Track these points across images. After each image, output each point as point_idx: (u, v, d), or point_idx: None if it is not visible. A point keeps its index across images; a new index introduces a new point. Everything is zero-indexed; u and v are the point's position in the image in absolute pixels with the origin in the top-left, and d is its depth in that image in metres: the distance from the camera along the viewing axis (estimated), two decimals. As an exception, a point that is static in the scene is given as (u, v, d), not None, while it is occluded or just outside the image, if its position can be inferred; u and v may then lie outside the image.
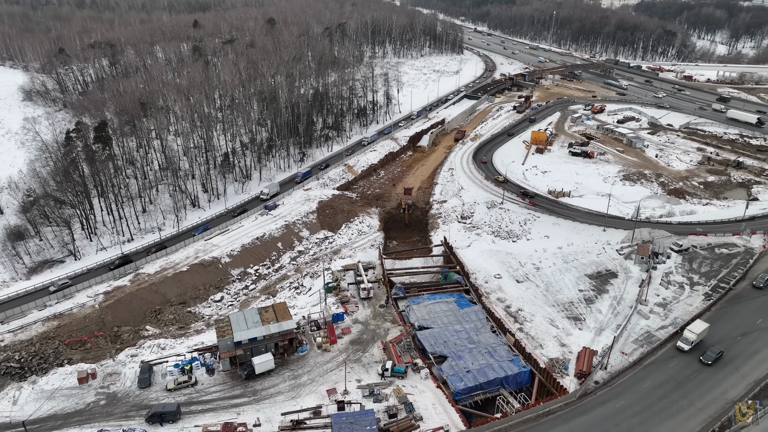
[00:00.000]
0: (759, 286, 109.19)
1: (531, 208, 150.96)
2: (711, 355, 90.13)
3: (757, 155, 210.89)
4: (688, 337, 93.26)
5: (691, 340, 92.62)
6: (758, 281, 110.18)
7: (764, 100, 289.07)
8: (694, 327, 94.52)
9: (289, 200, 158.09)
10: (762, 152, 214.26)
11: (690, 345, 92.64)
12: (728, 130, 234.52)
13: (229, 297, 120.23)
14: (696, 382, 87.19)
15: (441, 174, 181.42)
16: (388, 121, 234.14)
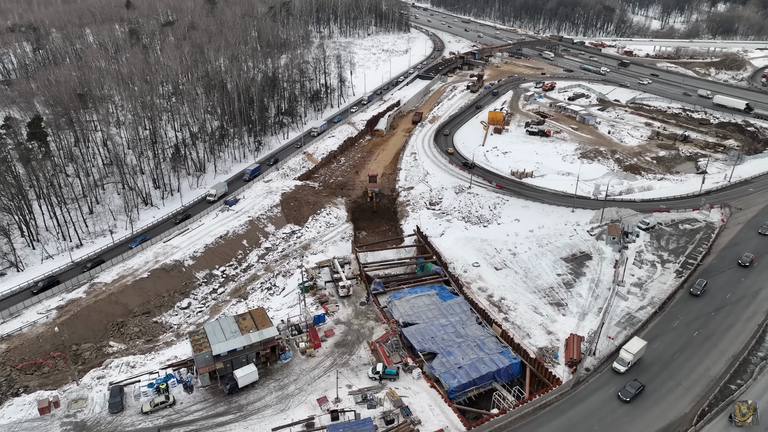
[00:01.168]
0: (696, 293, 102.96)
1: (499, 191, 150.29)
2: (630, 390, 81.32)
3: (699, 129, 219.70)
4: (625, 357, 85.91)
5: (628, 361, 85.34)
6: (695, 288, 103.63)
7: (699, 74, 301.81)
8: (630, 346, 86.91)
9: (250, 194, 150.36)
10: (704, 125, 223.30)
11: (627, 366, 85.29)
12: (671, 104, 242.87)
13: (197, 303, 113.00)
14: (680, 362, 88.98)
15: (404, 159, 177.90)
16: (343, 105, 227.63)
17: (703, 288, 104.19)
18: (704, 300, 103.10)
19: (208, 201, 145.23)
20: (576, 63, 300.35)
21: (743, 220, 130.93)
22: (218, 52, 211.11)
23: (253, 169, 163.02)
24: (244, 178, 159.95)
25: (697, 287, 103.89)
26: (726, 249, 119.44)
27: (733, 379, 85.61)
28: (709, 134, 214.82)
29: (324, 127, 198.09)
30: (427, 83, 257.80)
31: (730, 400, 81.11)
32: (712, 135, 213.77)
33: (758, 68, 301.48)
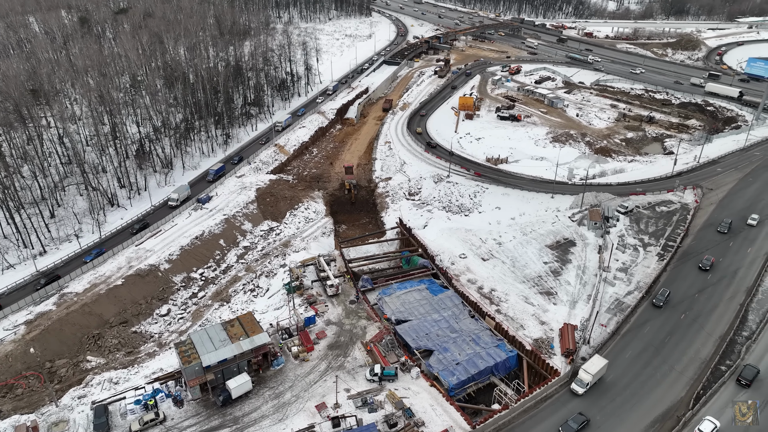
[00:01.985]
0: (658, 305, 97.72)
1: (478, 179, 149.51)
2: (572, 426, 74.55)
3: (662, 109, 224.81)
4: (584, 378, 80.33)
5: (587, 382, 79.91)
6: (657, 299, 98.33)
7: (657, 55, 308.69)
8: (590, 366, 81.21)
9: (223, 190, 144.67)
10: (666, 106, 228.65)
11: (585, 387, 79.86)
12: (634, 86, 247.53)
13: (177, 309, 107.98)
14: (671, 345, 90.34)
15: (378, 148, 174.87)
16: (311, 93, 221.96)
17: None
18: (688, 282, 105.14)
19: (170, 206, 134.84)
20: (559, 52, 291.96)
21: (715, 201, 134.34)
22: (178, 41, 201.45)
23: (216, 169, 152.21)
24: (208, 179, 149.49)
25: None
26: (702, 230, 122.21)
27: (723, 360, 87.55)
28: (672, 114, 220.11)
29: (289, 120, 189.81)
30: (394, 69, 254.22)
31: (722, 382, 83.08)
32: (675, 115, 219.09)
33: (712, 48, 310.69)
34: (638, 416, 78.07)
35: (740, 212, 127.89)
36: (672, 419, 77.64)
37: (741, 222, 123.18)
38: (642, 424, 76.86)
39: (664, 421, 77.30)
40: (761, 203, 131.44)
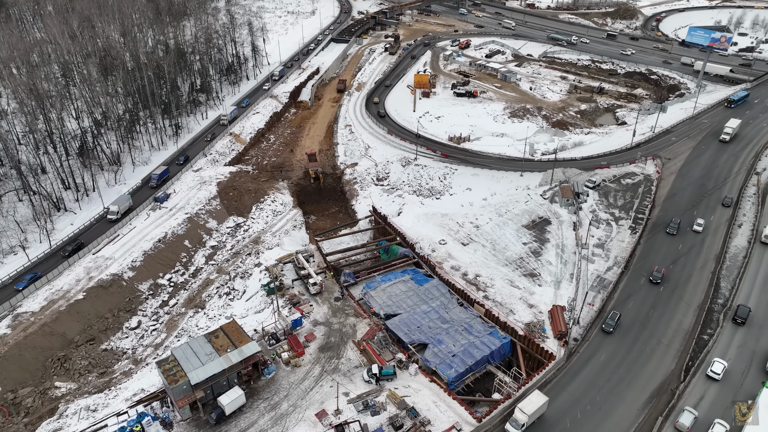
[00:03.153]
0: (608, 331, 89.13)
1: (446, 160, 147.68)
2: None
3: (610, 79, 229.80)
4: (519, 418, 72.39)
5: (522, 423, 72.18)
6: (606, 327, 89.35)
7: (598, 24, 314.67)
8: (527, 405, 72.92)
9: (181, 186, 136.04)
10: (613, 76, 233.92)
11: (521, 429, 72.20)
12: (581, 57, 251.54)
13: (148, 320, 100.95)
14: (654, 319, 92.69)
15: (339, 132, 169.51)
16: (260, 76, 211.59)
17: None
18: (662, 254, 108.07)
19: (109, 220, 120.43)
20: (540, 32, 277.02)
21: (675, 170, 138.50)
22: (112, 25, 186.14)
23: (160, 174, 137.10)
24: (151, 184, 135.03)
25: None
26: (667, 200, 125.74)
27: (704, 330, 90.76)
28: (619, 84, 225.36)
29: (234, 113, 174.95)
30: (343, 47, 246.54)
31: (707, 351, 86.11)
32: (622, 85, 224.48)
33: (648, 16, 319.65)
34: (635, 393, 79.74)
35: (698, 180, 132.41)
36: (667, 393, 79.81)
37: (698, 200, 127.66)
38: (640, 401, 78.58)
39: (660, 396, 79.31)
40: (716, 170, 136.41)
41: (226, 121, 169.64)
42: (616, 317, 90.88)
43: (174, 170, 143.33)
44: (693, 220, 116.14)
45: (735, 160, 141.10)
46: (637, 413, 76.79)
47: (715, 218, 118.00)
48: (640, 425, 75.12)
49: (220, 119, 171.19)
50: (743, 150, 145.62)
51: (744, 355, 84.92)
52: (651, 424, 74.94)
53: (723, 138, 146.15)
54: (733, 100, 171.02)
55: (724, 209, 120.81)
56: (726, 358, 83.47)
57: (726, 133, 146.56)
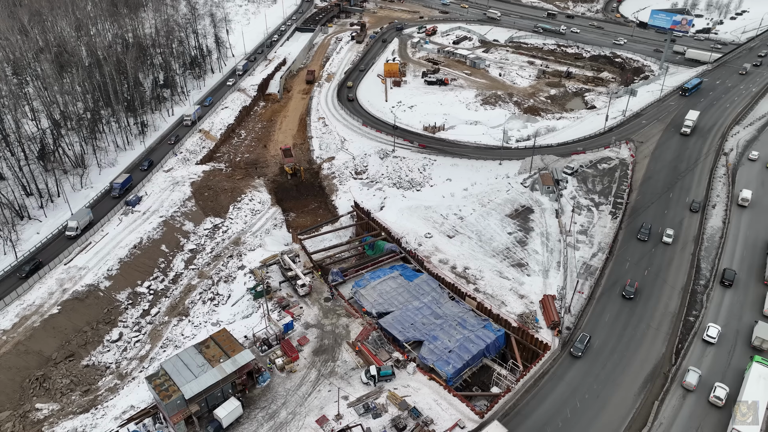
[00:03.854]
0: (576, 355, 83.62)
1: (424, 151, 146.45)
2: None
3: (576, 63, 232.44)
4: None
5: None
6: (575, 351, 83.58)
7: (560, 8, 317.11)
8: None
9: (153, 188, 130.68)
10: (579, 60, 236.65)
11: None
12: (546, 41, 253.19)
13: (130, 331, 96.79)
14: (642, 303, 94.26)
15: (312, 125, 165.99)
16: (225, 68, 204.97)
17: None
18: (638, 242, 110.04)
19: (68, 237, 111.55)
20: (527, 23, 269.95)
21: (648, 153, 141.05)
22: (65, 19, 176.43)
23: (123, 182, 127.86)
24: (113, 194, 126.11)
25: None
26: (644, 184, 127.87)
27: (690, 311, 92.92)
28: (586, 68, 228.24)
29: (198, 112, 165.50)
30: (309, 37, 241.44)
31: (694, 333, 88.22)
32: (588, 69, 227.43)
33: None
34: (630, 379, 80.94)
35: (671, 163, 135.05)
36: (660, 377, 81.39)
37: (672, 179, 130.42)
38: (635, 386, 79.82)
39: (654, 380, 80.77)
40: (686, 152, 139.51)
41: (190, 121, 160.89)
42: (585, 340, 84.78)
43: (138, 176, 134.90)
44: (669, 199, 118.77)
45: (704, 141, 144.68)
46: (634, 399, 78.03)
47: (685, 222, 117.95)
48: (638, 411, 76.36)
49: (183, 120, 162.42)
50: (710, 131, 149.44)
51: (734, 317, 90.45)
52: (648, 409, 76.31)
53: (684, 131, 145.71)
54: (687, 89, 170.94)
55: (700, 190, 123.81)
56: (718, 323, 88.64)
57: (686, 126, 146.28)
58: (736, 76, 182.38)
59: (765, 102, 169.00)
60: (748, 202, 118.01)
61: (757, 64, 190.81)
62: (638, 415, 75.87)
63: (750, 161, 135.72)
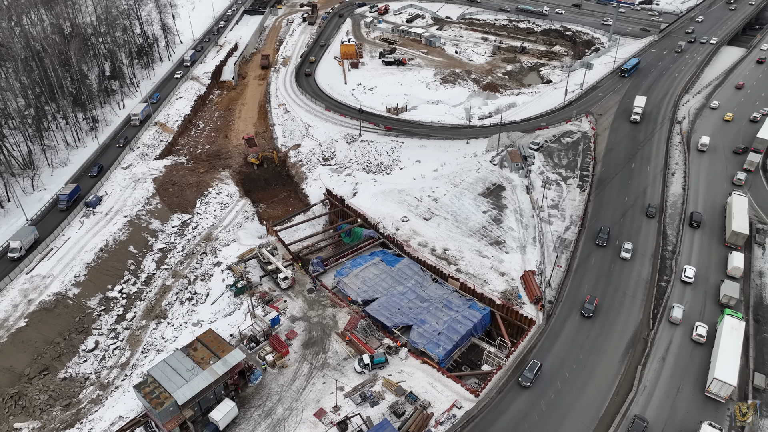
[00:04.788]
0: (525, 385, 77.56)
1: (390, 134, 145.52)
2: None
3: (528, 38, 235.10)
4: None
5: None
6: (523, 380, 77.55)
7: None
8: None
9: (113, 186, 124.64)
10: (531, 35, 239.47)
11: None
12: (498, 17, 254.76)
13: (106, 339, 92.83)
14: (617, 273, 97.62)
15: (273, 112, 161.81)
16: (174, 56, 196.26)
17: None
18: (611, 209, 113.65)
19: (10, 260, 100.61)
20: None
21: (607, 125, 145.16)
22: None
23: (69, 193, 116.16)
24: (59, 207, 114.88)
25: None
26: (606, 156, 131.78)
27: (661, 277, 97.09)
28: (538, 42, 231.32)
29: (146, 110, 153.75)
30: (259, 19, 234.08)
31: (668, 297, 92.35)
32: (541, 43, 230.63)
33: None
34: (614, 346, 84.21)
35: (630, 134, 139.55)
36: (640, 342, 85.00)
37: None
38: (618, 353, 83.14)
39: (635, 345, 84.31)
40: (643, 123, 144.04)
41: (138, 120, 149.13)
42: (536, 368, 79.02)
43: (87, 184, 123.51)
44: (631, 170, 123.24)
45: (658, 111, 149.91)
46: (618, 365, 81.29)
47: (651, 168, 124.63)
48: (623, 376, 79.62)
49: (131, 119, 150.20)
50: (662, 101, 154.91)
51: (704, 256, 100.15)
52: (632, 374, 79.68)
53: (634, 119, 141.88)
54: (626, 69, 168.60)
55: (659, 159, 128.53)
56: (692, 264, 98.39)
57: (636, 113, 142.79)
58: (672, 55, 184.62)
59: (709, 70, 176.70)
60: (706, 147, 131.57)
61: (690, 41, 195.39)
62: (623, 380, 79.14)
63: (711, 109, 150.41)
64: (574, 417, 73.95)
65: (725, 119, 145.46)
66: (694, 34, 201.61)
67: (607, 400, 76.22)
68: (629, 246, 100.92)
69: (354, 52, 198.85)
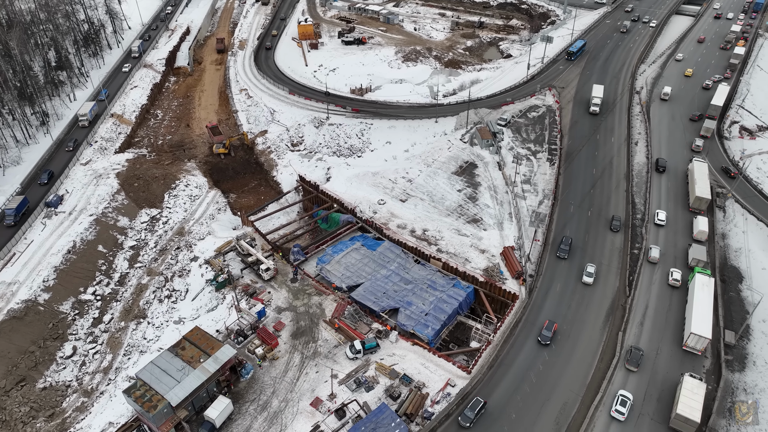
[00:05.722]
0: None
1: (358, 116, 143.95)
2: None
3: (485, 12, 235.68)
4: None
5: None
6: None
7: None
8: None
9: (74, 184, 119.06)
10: (487, 9, 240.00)
11: None
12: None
13: (84, 343, 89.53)
14: (591, 243, 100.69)
15: (235, 98, 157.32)
16: (123, 42, 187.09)
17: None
18: (581, 181, 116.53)
19: None
20: None
21: (570, 97, 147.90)
22: None
23: (17, 206, 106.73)
24: (6, 222, 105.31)
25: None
26: (572, 128, 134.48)
27: (633, 245, 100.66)
28: (495, 17, 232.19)
29: (95, 109, 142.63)
30: (210, 1, 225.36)
31: (641, 264, 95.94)
32: (498, 17, 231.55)
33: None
34: (594, 314, 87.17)
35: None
36: (619, 309, 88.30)
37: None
38: (599, 321, 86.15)
39: (614, 312, 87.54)
40: (605, 93, 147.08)
41: (86, 121, 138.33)
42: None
43: (37, 193, 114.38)
44: (596, 141, 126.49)
45: (617, 82, 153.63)
46: (600, 333, 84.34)
47: (615, 138, 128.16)
48: (606, 343, 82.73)
49: (79, 120, 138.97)
50: (620, 72, 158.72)
51: (671, 222, 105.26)
52: (614, 340, 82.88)
53: (593, 110, 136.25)
54: (572, 52, 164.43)
55: (622, 129, 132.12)
56: (663, 209, 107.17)
57: (595, 104, 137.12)
58: (618, 34, 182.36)
59: (662, 40, 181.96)
60: (668, 96, 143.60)
61: (634, 19, 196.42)
62: (606, 347, 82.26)
63: (676, 61, 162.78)
64: (563, 385, 76.53)
65: (686, 75, 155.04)
66: (636, 13, 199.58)
67: (593, 367, 79.15)
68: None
69: (312, 32, 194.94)
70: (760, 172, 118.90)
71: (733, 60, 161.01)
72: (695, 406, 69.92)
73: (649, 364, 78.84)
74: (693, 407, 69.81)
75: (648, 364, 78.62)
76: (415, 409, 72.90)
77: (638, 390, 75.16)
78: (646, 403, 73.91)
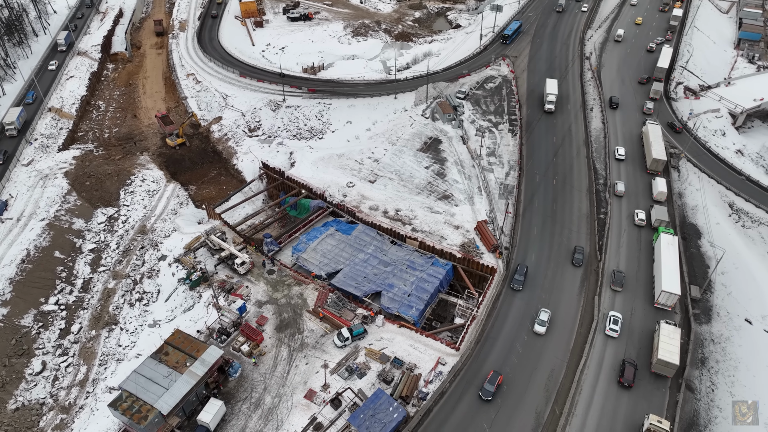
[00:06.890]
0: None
1: (316, 96, 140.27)
2: None
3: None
4: None
5: None
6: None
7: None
8: None
9: (17, 188, 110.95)
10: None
11: None
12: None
13: (53, 357, 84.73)
14: (560, 210, 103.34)
15: (183, 84, 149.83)
16: (49, 28, 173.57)
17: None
18: (543, 149, 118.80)
19: None
20: None
21: (524, 67, 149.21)
22: None
23: None
24: None
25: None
26: (529, 97, 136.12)
27: (599, 210, 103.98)
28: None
29: (23, 115, 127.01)
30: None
31: (608, 228, 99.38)
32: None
33: None
34: (571, 282, 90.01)
35: (546, 73, 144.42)
36: (593, 274, 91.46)
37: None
38: (575, 287, 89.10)
39: (588, 278, 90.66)
40: (556, 62, 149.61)
41: (14, 130, 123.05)
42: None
43: None
44: (556, 123, 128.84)
45: (567, 48, 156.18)
46: (578, 298, 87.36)
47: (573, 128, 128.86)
48: (584, 307, 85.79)
49: (5, 130, 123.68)
50: (569, 38, 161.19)
51: (631, 184, 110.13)
52: (591, 304, 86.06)
53: (548, 108, 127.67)
54: (508, 35, 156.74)
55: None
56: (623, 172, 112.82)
57: (550, 102, 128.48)
58: (555, 14, 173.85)
59: (605, 5, 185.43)
60: (621, 37, 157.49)
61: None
62: (585, 312, 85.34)
63: (631, 5, 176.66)
64: (549, 353, 79.08)
65: (636, 23, 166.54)
66: None
67: (574, 332, 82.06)
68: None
69: (255, 9, 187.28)
70: (706, 131, 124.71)
71: (673, 22, 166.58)
72: (674, 350, 75.19)
73: (626, 324, 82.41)
74: (672, 351, 75.14)
75: (624, 328, 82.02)
76: (409, 391, 73.53)
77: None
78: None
